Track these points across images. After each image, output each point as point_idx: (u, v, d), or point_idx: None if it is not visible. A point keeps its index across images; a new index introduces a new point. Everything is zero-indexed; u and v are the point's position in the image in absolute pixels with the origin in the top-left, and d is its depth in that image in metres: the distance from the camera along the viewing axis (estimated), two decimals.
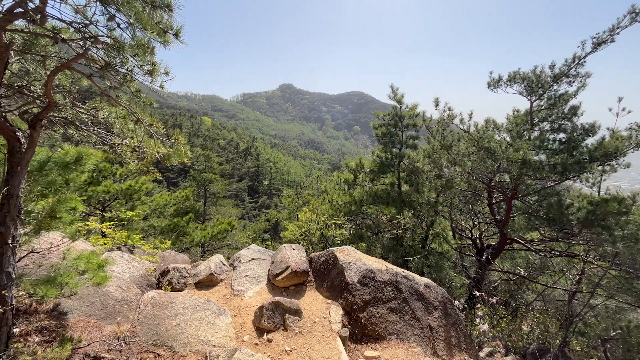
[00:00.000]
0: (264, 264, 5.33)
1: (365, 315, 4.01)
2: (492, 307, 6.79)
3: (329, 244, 10.67)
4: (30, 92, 2.66)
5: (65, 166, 2.64)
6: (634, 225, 5.76)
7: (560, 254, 7.37)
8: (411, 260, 7.80)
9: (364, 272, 4.38)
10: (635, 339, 5.63)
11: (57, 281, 2.62)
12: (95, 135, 3.07)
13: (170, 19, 2.18)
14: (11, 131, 2.31)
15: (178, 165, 13.88)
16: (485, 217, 9.16)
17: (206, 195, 18.41)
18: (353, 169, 10.01)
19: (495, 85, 7.40)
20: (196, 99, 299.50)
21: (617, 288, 6.62)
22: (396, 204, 8.55)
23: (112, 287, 3.70)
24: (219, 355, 2.88)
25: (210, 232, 11.47)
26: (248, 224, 29.15)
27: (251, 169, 65.22)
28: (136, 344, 2.95)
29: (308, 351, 3.32)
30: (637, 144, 5.69)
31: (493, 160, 6.93)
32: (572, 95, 6.66)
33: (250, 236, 18.58)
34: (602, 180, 7.09)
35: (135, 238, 6.68)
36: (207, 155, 19.37)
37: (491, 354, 5.03)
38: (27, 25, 2.30)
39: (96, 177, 8.91)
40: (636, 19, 5.61)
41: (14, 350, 2.33)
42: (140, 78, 2.56)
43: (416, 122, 9.32)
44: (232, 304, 4.28)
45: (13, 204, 2.30)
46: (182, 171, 48.41)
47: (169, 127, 3.76)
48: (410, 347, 3.80)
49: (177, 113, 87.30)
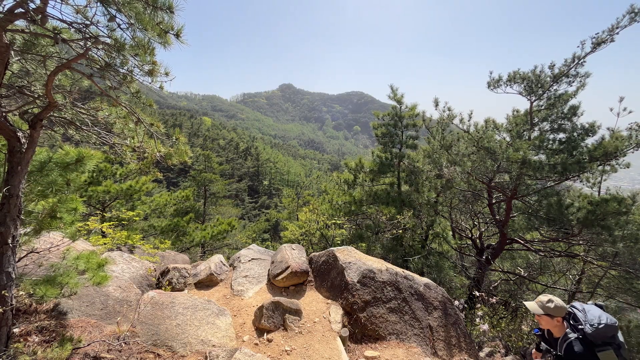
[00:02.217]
0: (264, 264, 5.33)
1: (365, 315, 4.01)
2: (492, 307, 6.79)
3: (329, 244, 10.67)
4: (30, 92, 2.66)
5: (66, 166, 2.64)
6: (634, 225, 5.76)
7: (560, 254, 7.37)
8: (411, 260, 7.80)
9: (364, 272, 4.38)
10: (635, 339, 5.63)
11: (57, 281, 2.63)
12: (95, 136, 3.07)
13: (172, 20, 2.19)
14: (11, 131, 2.31)
15: (178, 165, 13.87)
16: (485, 217, 9.17)
17: (206, 195, 18.41)
18: (353, 169, 10.02)
19: (495, 85, 7.40)
20: (196, 99, 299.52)
21: (617, 288, 6.62)
22: (396, 204, 8.55)
23: (112, 287, 3.70)
24: (219, 355, 2.88)
25: (210, 232, 11.48)
26: (248, 224, 29.15)
27: (251, 169, 65.23)
28: (136, 344, 2.95)
29: (308, 351, 3.32)
30: (637, 144, 5.69)
31: (493, 160, 6.93)
32: (571, 95, 6.67)
33: (250, 236, 18.58)
34: (602, 180, 7.09)
35: (135, 238, 6.68)
36: (207, 155, 19.37)
37: (491, 353, 5.03)
38: (28, 26, 2.30)
39: (96, 177, 8.91)
40: (635, 18, 5.61)
41: (14, 350, 2.33)
42: (140, 78, 2.57)
43: (416, 122, 9.32)
44: (232, 304, 4.28)
45: (13, 204, 2.30)
46: (182, 171, 48.42)
47: (169, 127, 3.75)
48: (410, 347, 3.80)
49: (177, 113, 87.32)
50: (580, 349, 2.22)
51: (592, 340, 2.24)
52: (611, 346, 2.21)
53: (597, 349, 2.21)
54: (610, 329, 2.23)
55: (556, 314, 2.39)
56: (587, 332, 2.24)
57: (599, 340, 2.22)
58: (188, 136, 58.10)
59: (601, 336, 2.22)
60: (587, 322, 2.28)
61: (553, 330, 2.47)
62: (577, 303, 2.49)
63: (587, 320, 2.30)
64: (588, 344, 2.24)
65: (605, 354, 2.18)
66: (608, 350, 2.19)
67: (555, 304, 2.40)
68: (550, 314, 2.41)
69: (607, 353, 2.18)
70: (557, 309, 2.38)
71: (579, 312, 2.38)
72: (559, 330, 2.43)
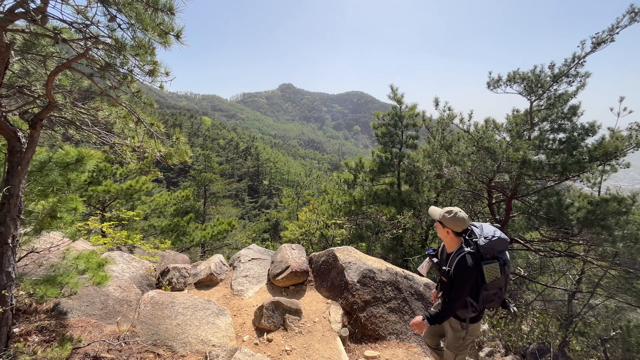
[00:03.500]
0: (264, 263, 5.33)
1: (365, 315, 4.02)
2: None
3: (329, 243, 10.67)
4: (30, 92, 2.66)
5: (66, 166, 2.64)
6: (633, 225, 5.77)
7: (560, 253, 7.38)
8: (411, 260, 7.81)
9: (364, 272, 4.38)
10: (635, 339, 5.64)
11: (57, 281, 2.63)
12: (95, 135, 3.07)
13: (172, 21, 2.19)
14: (11, 131, 2.31)
15: (178, 165, 13.86)
16: (485, 217, 9.17)
17: (206, 195, 18.41)
18: (353, 168, 10.02)
19: (495, 85, 7.41)
20: (196, 99, 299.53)
21: (617, 288, 6.63)
22: (396, 203, 8.55)
23: (112, 287, 3.70)
24: (219, 355, 2.88)
25: (210, 232, 11.48)
26: (248, 223, 29.15)
27: (251, 168, 65.22)
28: (136, 343, 2.95)
29: (308, 351, 3.32)
30: (637, 143, 5.70)
31: (493, 160, 6.94)
32: (571, 95, 6.67)
33: (250, 236, 18.57)
34: (602, 180, 7.10)
35: (135, 238, 6.69)
36: (207, 155, 19.36)
37: (491, 353, 5.03)
38: (28, 26, 2.30)
39: (96, 176, 8.91)
40: (635, 18, 5.61)
41: (14, 350, 2.33)
42: (140, 78, 2.57)
43: (416, 122, 9.32)
44: (232, 303, 4.28)
45: (13, 204, 2.30)
46: (182, 171, 48.43)
47: (169, 126, 3.76)
48: (410, 347, 3.80)
49: (177, 113, 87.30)
50: (471, 262, 2.17)
51: (482, 254, 2.22)
52: (498, 261, 2.21)
53: (483, 262, 2.20)
54: (502, 243, 2.23)
55: (447, 225, 2.33)
56: (480, 244, 2.21)
57: (489, 254, 2.21)
58: (188, 136, 58.07)
59: (492, 249, 2.21)
60: (481, 236, 2.26)
61: (447, 244, 2.44)
62: (476, 222, 2.44)
63: (482, 234, 2.27)
64: (478, 258, 2.22)
65: (490, 266, 2.19)
66: (494, 262, 2.20)
67: (452, 216, 2.32)
68: (443, 222, 2.36)
69: (492, 265, 2.19)
70: (450, 221, 2.32)
71: (476, 229, 2.34)
72: (451, 246, 2.39)
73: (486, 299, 2.28)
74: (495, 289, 2.24)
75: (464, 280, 2.18)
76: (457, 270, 2.22)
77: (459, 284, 2.20)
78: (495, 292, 2.27)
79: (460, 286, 2.20)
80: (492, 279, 2.19)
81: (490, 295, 2.27)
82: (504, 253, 2.28)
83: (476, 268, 2.19)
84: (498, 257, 2.23)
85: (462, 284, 2.19)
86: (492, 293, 2.26)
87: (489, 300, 2.29)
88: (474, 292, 2.25)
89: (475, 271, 2.18)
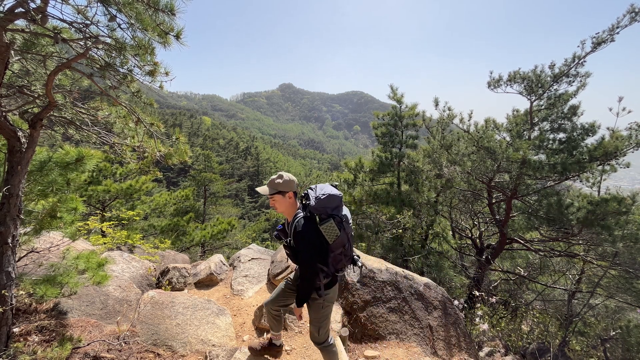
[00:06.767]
0: (264, 263, 5.33)
1: (365, 315, 4.02)
2: (492, 306, 6.80)
3: None
4: (30, 92, 2.66)
5: (66, 166, 2.64)
6: (633, 225, 5.76)
7: (560, 253, 7.38)
8: (411, 260, 7.81)
9: (363, 272, 4.39)
10: (635, 339, 5.64)
11: (57, 280, 2.63)
12: (95, 135, 3.07)
13: (172, 22, 2.19)
14: (11, 131, 2.31)
15: (178, 165, 13.90)
16: (485, 216, 9.17)
17: (206, 194, 18.40)
18: (353, 168, 10.01)
19: (495, 85, 7.40)
20: (196, 99, 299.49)
21: (617, 288, 6.63)
22: (396, 203, 8.54)
23: (112, 287, 3.70)
24: (219, 355, 2.89)
25: (210, 231, 11.48)
26: (248, 223, 29.13)
27: (251, 168, 65.21)
28: (136, 343, 2.95)
29: (308, 351, 3.32)
30: (637, 143, 5.70)
31: (493, 159, 6.93)
32: (572, 94, 6.66)
33: (250, 236, 18.56)
34: (602, 180, 7.10)
35: (135, 237, 6.69)
36: (207, 154, 19.35)
37: (491, 353, 5.04)
38: (28, 25, 2.30)
39: (96, 176, 8.92)
40: (636, 18, 5.61)
41: (14, 350, 2.33)
42: (140, 78, 2.56)
43: (416, 122, 9.31)
44: (232, 303, 4.28)
45: (13, 204, 2.30)
46: (182, 171, 48.43)
47: (169, 126, 3.76)
48: (410, 347, 3.81)
49: (177, 112, 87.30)
50: (307, 227, 2.03)
51: (317, 216, 2.07)
52: (334, 218, 2.06)
53: (320, 223, 2.05)
54: (333, 199, 2.08)
55: (287, 189, 2.14)
56: (312, 205, 2.06)
57: (323, 213, 2.06)
58: (188, 136, 58.08)
59: (323, 207, 2.05)
60: (313, 197, 2.09)
61: (289, 214, 2.21)
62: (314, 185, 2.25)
63: (315, 195, 2.10)
64: (314, 220, 2.08)
65: (326, 225, 2.04)
66: (329, 221, 2.04)
67: (285, 178, 2.14)
68: (281, 190, 2.14)
69: (328, 224, 2.03)
70: (287, 183, 2.13)
71: (311, 192, 2.16)
72: (292, 213, 2.20)
73: (334, 261, 2.17)
74: (339, 247, 2.13)
75: (305, 245, 2.04)
76: (295, 238, 2.08)
77: (302, 251, 2.06)
78: (341, 251, 2.16)
79: (304, 254, 2.06)
80: (334, 238, 2.07)
81: (337, 256, 2.16)
82: (339, 209, 2.14)
83: (315, 230, 2.06)
84: (333, 215, 2.08)
85: (305, 250, 2.04)
86: (337, 253, 2.15)
87: (337, 260, 2.18)
88: (323, 256, 2.12)
89: (314, 234, 2.05)
